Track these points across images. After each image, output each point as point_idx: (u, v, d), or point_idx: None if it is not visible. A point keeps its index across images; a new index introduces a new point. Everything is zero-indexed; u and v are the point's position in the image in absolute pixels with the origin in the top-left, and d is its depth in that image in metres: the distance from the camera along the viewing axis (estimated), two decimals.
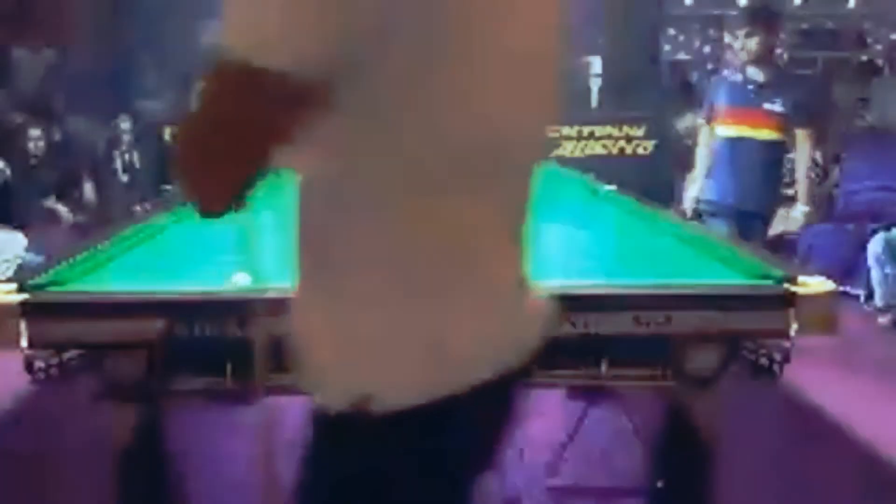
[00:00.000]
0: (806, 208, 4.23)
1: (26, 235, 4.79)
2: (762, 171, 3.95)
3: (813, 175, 5.72)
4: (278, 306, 1.65)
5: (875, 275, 4.62)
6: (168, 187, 6.51)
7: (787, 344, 1.71)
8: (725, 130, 3.97)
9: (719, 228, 3.72)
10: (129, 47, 7.85)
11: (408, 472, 0.92)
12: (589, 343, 1.70)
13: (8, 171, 5.19)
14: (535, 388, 3.13)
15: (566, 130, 7.44)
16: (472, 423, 0.95)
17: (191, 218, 2.84)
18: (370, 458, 0.92)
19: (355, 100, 0.84)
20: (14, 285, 1.68)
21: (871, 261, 4.62)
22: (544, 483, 2.66)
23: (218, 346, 1.67)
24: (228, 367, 1.68)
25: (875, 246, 4.60)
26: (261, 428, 1.26)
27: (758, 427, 3.01)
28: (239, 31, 0.82)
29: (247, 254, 1.57)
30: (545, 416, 3.18)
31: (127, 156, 6.30)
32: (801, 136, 4.04)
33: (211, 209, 0.95)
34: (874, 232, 4.70)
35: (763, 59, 3.90)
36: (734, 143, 3.92)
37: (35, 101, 6.73)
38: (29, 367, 1.63)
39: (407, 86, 0.84)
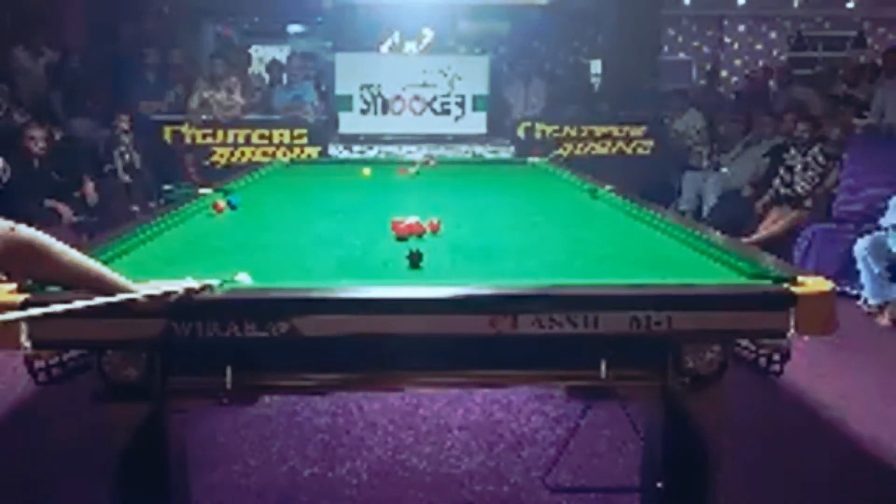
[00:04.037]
0: None
1: None
2: None
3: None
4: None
5: (863, 275, 4.64)
6: (168, 187, 6.52)
7: (786, 343, 1.71)
8: None
9: None
10: (130, 48, 7.85)
11: None
12: (589, 343, 1.70)
13: (9, 171, 5.19)
14: (535, 388, 3.16)
15: (566, 130, 7.45)
16: None
17: (191, 217, 2.84)
18: None
19: None
20: (14, 285, 1.68)
21: (858, 262, 4.64)
22: (544, 483, 2.66)
23: (218, 346, 1.68)
24: (228, 367, 1.68)
25: (861, 247, 4.62)
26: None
27: (757, 426, 3.02)
28: None
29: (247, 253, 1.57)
30: (545, 416, 3.19)
31: (127, 156, 6.30)
32: None
33: None
34: (870, 232, 4.72)
35: None
36: None
37: (36, 102, 6.73)
38: (29, 367, 1.63)
39: None
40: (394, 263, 2.09)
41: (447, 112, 7.35)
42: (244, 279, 1.78)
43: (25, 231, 1.46)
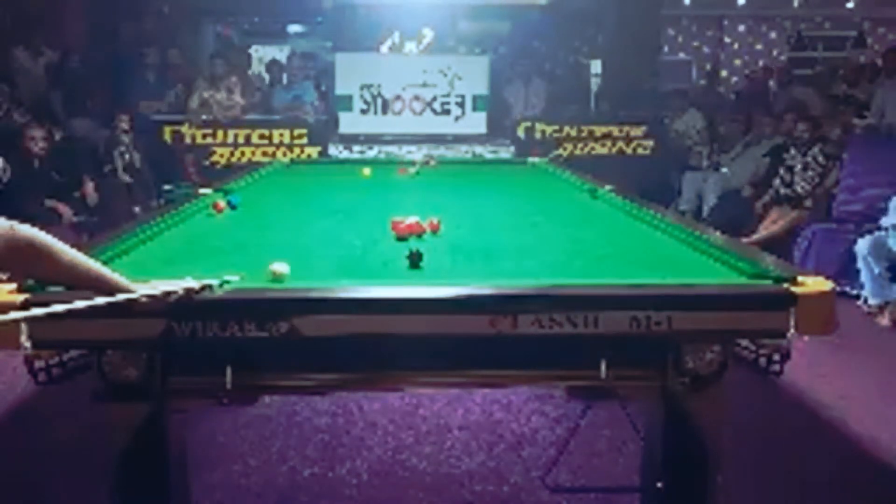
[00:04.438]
0: None
1: None
2: None
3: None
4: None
5: (864, 275, 4.64)
6: (168, 187, 6.52)
7: (786, 343, 1.71)
8: None
9: None
10: (130, 48, 7.85)
11: None
12: (589, 343, 1.70)
13: (9, 171, 5.19)
14: (535, 388, 3.16)
15: (566, 130, 7.45)
16: None
17: (191, 217, 2.84)
18: None
19: None
20: (14, 285, 1.68)
21: (859, 261, 4.64)
22: (544, 483, 2.66)
23: (218, 346, 1.68)
24: (228, 367, 1.68)
25: (862, 246, 4.62)
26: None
27: (757, 426, 3.02)
28: None
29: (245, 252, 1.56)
30: (545, 416, 3.19)
31: (127, 156, 6.30)
32: None
33: None
34: (870, 232, 4.72)
35: None
36: None
37: (36, 102, 6.73)
38: (29, 367, 1.63)
39: None
40: (394, 263, 2.09)
41: (447, 112, 7.35)
42: (282, 269, 1.82)
43: (26, 230, 1.46)
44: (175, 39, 8.48)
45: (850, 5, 12.29)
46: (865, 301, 4.71)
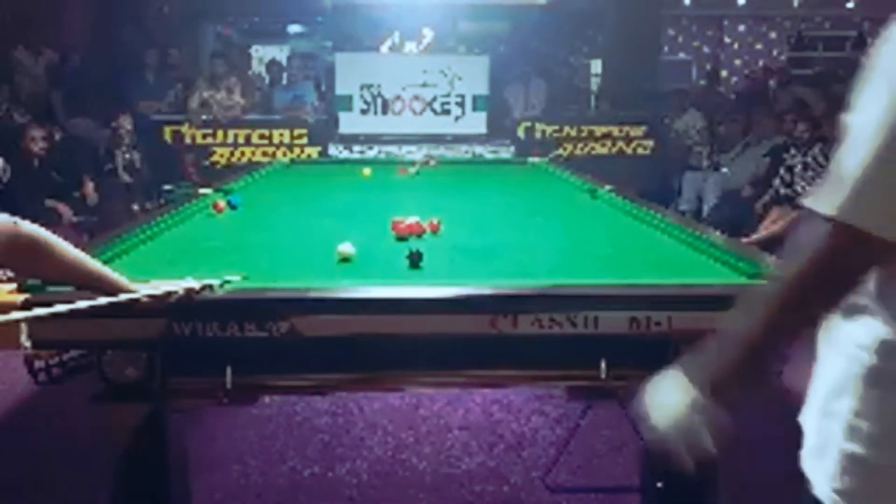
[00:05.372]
0: None
1: None
2: None
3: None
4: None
5: None
6: (168, 187, 6.52)
7: None
8: None
9: None
10: (130, 48, 7.85)
11: None
12: (589, 343, 1.70)
13: (9, 171, 5.19)
14: (535, 388, 3.16)
15: (566, 130, 7.45)
16: None
17: (191, 217, 2.84)
18: None
19: None
20: (14, 285, 1.68)
21: None
22: (544, 483, 2.66)
23: (218, 346, 1.68)
24: (228, 367, 1.68)
25: None
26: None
27: (757, 427, 3.01)
28: (872, 201, 0.88)
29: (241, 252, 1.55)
30: (545, 416, 3.19)
31: (127, 156, 6.29)
32: None
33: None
34: None
35: None
36: None
37: (36, 102, 6.73)
38: (29, 367, 1.63)
39: None
40: (394, 263, 2.09)
41: (447, 112, 7.35)
42: (349, 249, 2.01)
43: (29, 227, 1.47)
44: (175, 39, 8.47)
45: (850, 5, 12.28)
46: None
